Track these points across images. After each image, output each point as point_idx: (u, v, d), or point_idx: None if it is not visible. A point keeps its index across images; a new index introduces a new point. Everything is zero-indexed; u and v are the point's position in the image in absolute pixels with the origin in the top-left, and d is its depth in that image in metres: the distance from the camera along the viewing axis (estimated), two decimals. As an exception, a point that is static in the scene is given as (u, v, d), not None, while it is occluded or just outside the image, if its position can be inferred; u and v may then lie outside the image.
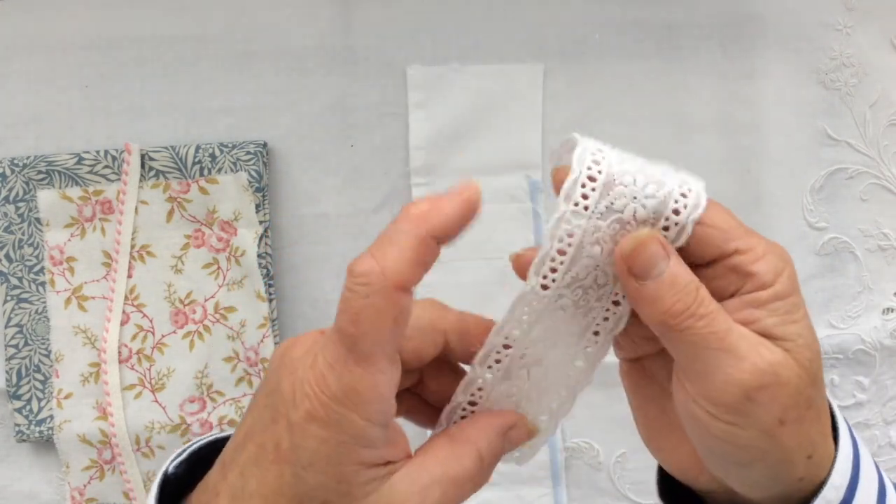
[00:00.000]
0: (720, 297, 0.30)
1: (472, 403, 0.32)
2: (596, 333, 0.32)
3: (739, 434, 0.29)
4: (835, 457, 0.32)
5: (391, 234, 0.28)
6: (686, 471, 0.34)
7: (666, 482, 0.36)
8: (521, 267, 0.31)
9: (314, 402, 0.28)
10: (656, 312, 0.29)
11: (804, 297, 0.31)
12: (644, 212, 0.29)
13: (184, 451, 0.33)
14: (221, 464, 0.31)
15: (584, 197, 0.29)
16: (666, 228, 0.30)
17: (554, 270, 0.30)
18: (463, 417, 0.33)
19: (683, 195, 0.29)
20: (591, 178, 0.29)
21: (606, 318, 0.32)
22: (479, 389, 0.32)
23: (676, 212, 0.29)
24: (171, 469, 0.33)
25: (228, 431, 0.35)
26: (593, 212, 0.29)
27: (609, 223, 0.29)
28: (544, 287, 0.30)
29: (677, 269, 0.29)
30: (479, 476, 0.31)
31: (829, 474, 0.31)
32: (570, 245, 0.29)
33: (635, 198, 0.29)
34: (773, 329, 0.29)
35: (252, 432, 0.30)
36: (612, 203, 0.29)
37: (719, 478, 0.32)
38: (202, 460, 0.33)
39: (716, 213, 0.30)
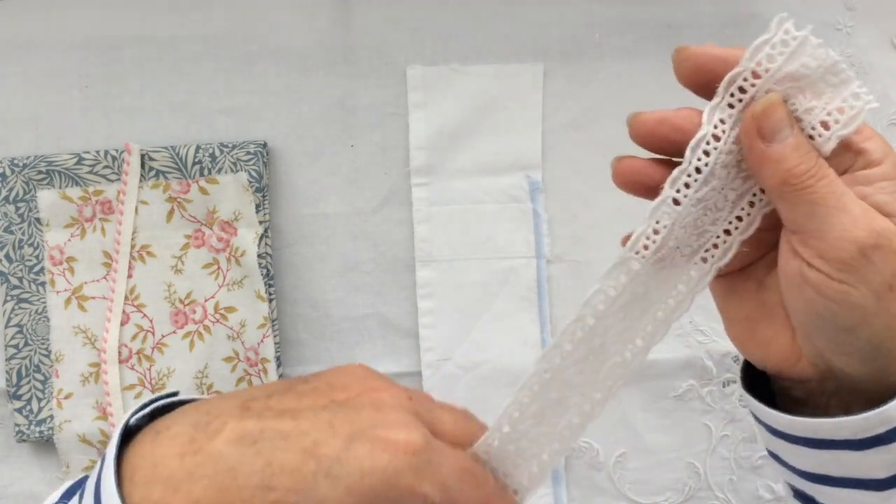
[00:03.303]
0: None
1: (656, 232, 0.33)
2: (704, 260, 0.34)
3: (850, 293, 0.30)
4: None
5: None
6: (783, 361, 0.35)
7: (750, 377, 0.37)
8: (637, 125, 0.33)
9: (395, 462, 0.29)
10: (780, 172, 0.31)
11: None
12: None
13: (145, 405, 0.34)
14: (244, 406, 0.31)
15: (738, 93, 0.31)
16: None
17: (687, 186, 0.32)
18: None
19: (824, 125, 0.31)
20: (757, 75, 0.31)
21: (716, 246, 0.34)
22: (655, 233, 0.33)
23: (811, 137, 0.31)
24: (132, 421, 0.33)
25: (191, 395, 0.36)
26: (734, 122, 0.32)
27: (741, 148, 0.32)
28: (676, 202, 0.32)
29: (800, 138, 0.31)
30: None
31: None
32: (706, 165, 0.32)
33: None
34: (884, 206, 0.31)
35: (300, 413, 0.31)
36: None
37: (820, 352, 0.33)
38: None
39: None
